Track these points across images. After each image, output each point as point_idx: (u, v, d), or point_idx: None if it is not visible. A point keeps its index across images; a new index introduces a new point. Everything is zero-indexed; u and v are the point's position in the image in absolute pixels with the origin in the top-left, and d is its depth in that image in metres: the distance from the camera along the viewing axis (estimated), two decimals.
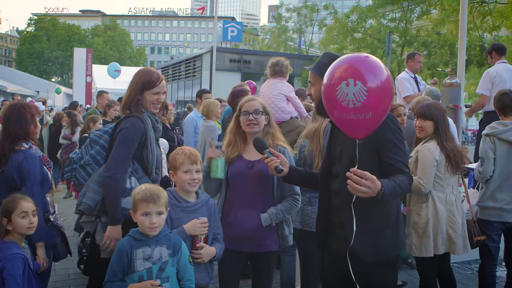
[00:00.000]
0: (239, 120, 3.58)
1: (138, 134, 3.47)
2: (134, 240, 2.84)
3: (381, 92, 2.40)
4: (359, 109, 2.36)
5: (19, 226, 3.12)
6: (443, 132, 4.16)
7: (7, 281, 2.89)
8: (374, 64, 2.43)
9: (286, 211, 3.48)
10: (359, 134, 2.53)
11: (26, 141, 3.68)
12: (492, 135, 4.53)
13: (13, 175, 3.56)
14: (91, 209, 3.41)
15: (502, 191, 4.48)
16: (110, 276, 2.82)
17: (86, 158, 3.59)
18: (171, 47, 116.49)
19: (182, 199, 3.21)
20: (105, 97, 9.19)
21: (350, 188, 2.48)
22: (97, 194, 3.39)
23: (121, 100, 3.81)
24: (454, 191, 4.21)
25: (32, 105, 3.91)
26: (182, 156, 3.17)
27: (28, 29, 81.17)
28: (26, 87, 43.27)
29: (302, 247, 4.10)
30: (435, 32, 26.07)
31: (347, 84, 2.35)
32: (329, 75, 2.49)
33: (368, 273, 2.80)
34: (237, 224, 3.44)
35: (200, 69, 15.47)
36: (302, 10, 44.98)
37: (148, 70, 3.68)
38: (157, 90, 3.57)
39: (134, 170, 3.49)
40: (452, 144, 4.16)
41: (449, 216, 4.12)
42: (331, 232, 2.96)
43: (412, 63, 8.10)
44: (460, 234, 4.12)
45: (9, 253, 2.99)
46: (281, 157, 3.16)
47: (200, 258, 3.13)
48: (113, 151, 3.45)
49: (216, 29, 21.56)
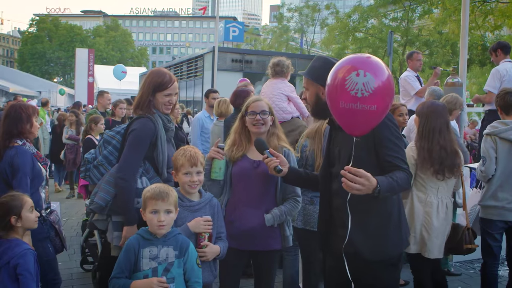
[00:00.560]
0: (244, 120, 3.59)
1: (149, 135, 3.48)
2: (142, 238, 2.86)
3: (385, 89, 2.43)
4: (367, 99, 2.38)
5: (29, 221, 3.21)
6: (422, 132, 4.10)
7: (22, 276, 2.97)
8: (377, 63, 2.47)
9: (288, 213, 3.53)
10: (359, 129, 2.54)
11: (20, 139, 3.87)
12: (493, 134, 4.53)
13: (6, 170, 3.75)
14: (101, 208, 3.46)
15: (503, 190, 4.48)
16: (116, 273, 2.83)
17: (99, 158, 3.65)
18: (173, 47, 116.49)
19: (185, 199, 3.23)
20: (106, 97, 9.17)
21: (344, 186, 2.48)
22: (108, 193, 3.43)
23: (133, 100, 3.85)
24: (441, 194, 4.13)
25: (29, 105, 4.08)
26: (183, 158, 3.17)
27: (30, 30, 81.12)
28: (28, 88, 43.35)
29: (304, 246, 4.12)
30: (437, 32, 26.06)
31: (357, 74, 2.38)
32: (333, 74, 2.51)
33: (370, 272, 2.80)
34: (240, 222, 3.46)
35: (202, 69, 15.45)
36: (303, 10, 45.01)
37: (160, 71, 3.67)
38: (169, 92, 3.58)
39: (145, 170, 3.52)
40: (432, 145, 4.03)
41: (425, 217, 4.09)
42: (333, 232, 2.96)
43: (412, 62, 8.12)
44: (434, 237, 4.05)
45: (21, 249, 3.06)
46: (280, 157, 3.18)
47: (205, 257, 3.14)
48: (123, 152, 3.49)
49: (218, 29, 21.58)
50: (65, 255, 5.92)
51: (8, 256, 3.02)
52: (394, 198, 2.85)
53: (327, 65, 2.92)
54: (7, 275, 2.99)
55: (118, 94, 21.85)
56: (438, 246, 4.10)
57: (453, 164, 4.05)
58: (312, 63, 3.11)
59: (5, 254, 3.03)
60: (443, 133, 4.07)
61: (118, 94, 21.85)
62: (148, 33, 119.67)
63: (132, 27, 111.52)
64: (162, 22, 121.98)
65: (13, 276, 2.98)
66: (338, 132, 2.92)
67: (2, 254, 3.04)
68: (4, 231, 3.13)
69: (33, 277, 3.01)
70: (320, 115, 3.12)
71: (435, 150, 4.01)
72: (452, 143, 4.09)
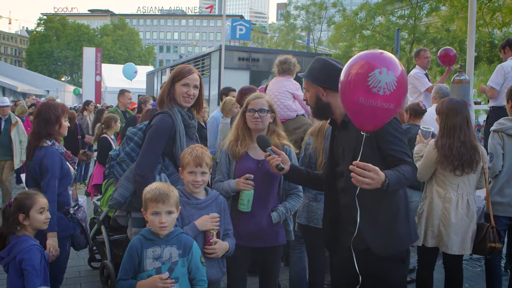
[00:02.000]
0: (245, 116, 3.62)
1: (167, 130, 3.48)
2: (145, 239, 2.86)
3: (402, 88, 2.47)
4: (388, 98, 2.41)
5: (37, 221, 3.22)
6: (443, 130, 4.14)
7: (26, 272, 2.98)
8: (395, 61, 2.50)
9: (292, 209, 3.60)
10: (372, 125, 2.55)
11: (50, 139, 3.95)
12: (500, 131, 4.57)
13: (35, 169, 3.85)
14: (120, 205, 3.51)
15: (510, 186, 4.50)
16: (121, 275, 2.85)
17: (122, 155, 3.69)
18: (180, 46, 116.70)
19: (192, 197, 3.22)
20: (127, 96, 9.16)
21: (354, 181, 2.48)
22: (127, 190, 3.48)
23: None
24: (461, 191, 4.14)
25: (59, 105, 4.14)
26: (189, 157, 3.16)
27: (38, 29, 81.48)
28: (36, 87, 43.47)
29: (308, 243, 4.16)
30: (444, 29, 25.95)
31: (380, 72, 2.40)
32: (349, 70, 2.51)
33: (380, 267, 2.81)
34: (248, 223, 3.48)
35: (209, 67, 15.43)
36: (310, 8, 44.91)
37: (181, 65, 3.75)
38: (187, 82, 3.59)
39: (165, 166, 3.53)
40: (453, 142, 4.06)
41: (443, 212, 4.11)
42: (342, 230, 2.97)
43: (420, 60, 8.09)
44: (452, 233, 4.07)
45: (27, 245, 3.09)
46: (282, 155, 3.19)
47: (215, 253, 3.15)
48: (142, 149, 3.51)
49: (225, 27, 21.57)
50: (73, 253, 5.94)
51: (15, 252, 3.06)
52: (400, 193, 2.86)
53: (326, 66, 2.96)
54: (14, 270, 3.02)
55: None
56: (459, 243, 4.10)
57: (471, 159, 4.06)
58: (311, 65, 3.11)
59: (13, 250, 3.08)
60: (463, 129, 4.09)
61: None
62: (155, 31, 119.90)
63: (139, 26, 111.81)
64: (169, 20, 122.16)
65: (19, 271, 3.01)
66: (340, 132, 2.94)
67: (10, 250, 3.09)
68: (14, 227, 3.17)
69: (38, 273, 3.02)
70: (321, 116, 3.12)
71: (455, 146, 4.04)
72: (472, 139, 4.11)
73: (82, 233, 4.12)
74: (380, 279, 2.85)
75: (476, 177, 4.23)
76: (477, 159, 4.10)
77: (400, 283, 2.96)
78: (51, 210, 3.49)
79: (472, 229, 4.15)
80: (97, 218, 5.20)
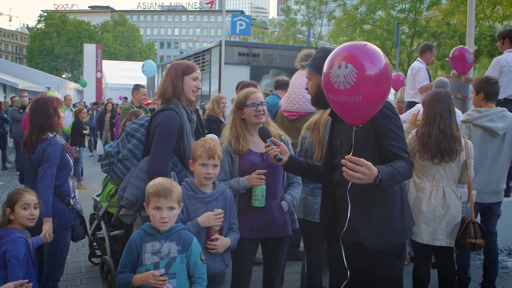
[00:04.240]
0: (240, 112, 3.63)
1: (176, 127, 3.46)
2: (145, 233, 2.87)
3: (376, 78, 2.41)
4: (349, 91, 2.39)
5: (20, 217, 3.28)
6: (425, 119, 4.13)
7: (10, 263, 3.03)
8: (371, 51, 2.45)
9: (297, 197, 3.71)
10: (354, 119, 2.55)
11: (51, 131, 4.06)
12: (467, 121, 4.75)
13: (39, 161, 3.91)
14: (132, 204, 3.47)
15: (477, 174, 4.51)
16: (120, 268, 2.86)
17: (124, 152, 3.64)
18: (180, 42, 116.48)
19: (198, 190, 3.22)
20: (142, 92, 8.97)
21: (345, 175, 2.49)
22: (139, 189, 3.42)
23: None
24: (437, 182, 4.12)
25: (53, 98, 4.20)
26: (201, 149, 3.17)
27: (38, 26, 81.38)
28: (37, 84, 43.39)
29: (305, 237, 4.17)
30: (444, 23, 25.89)
31: (339, 66, 2.40)
32: (328, 62, 2.52)
33: (374, 262, 2.81)
34: (260, 215, 3.51)
35: (209, 63, 15.42)
36: (310, 3, 44.85)
37: (181, 61, 3.75)
38: (196, 75, 3.62)
39: (173, 164, 3.50)
40: (431, 130, 4.03)
41: (415, 201, 4.12)
42: (337, 222, 2.97)
43: (429, 55, 8.08)
44: (422, 222, 4.07)
45: (13, 237, 3.15)
46: (282, 146, 3.23)
47: (215, 249, 3.16)
48: (154, 147, 3.43)
49: (225, 23, 21.56)
50: (73, 248, 5.99)
51: (0, 243, 3.12)
52: (396, 187, 2.85)
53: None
54: None
55: (126, 89, 21.95)
56: (429, 233, 4.08)
57: (450, 148, 4.01)
58: (315, 54, 3.14)
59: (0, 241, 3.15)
60: (444, 117, 4.06)
61: (126, 89, 21.95)
62: (156, 27, 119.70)
63: (139, 22, 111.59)
64: (170, 16, 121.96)
65: (2, 262, 3.05)
66: (339, 123, 2.93)
67: None
68: (5, 220, 3.28)
69: (21, 265, 3.06)
70: (321, 105, 3.13)
71: (434, 134, 4.02)
72: (452, 128, 4.05)
73: (81, 223, 4.21)
74: (374, 274, 2.85)
75: (456, 169, 4.17)
76: (458, 149, 4.05)
77: (395, 278, 2.94)
78: (47, 197, 3.66)
79: (447, 221, 4.10)
80: (97, 214, 5.22)
